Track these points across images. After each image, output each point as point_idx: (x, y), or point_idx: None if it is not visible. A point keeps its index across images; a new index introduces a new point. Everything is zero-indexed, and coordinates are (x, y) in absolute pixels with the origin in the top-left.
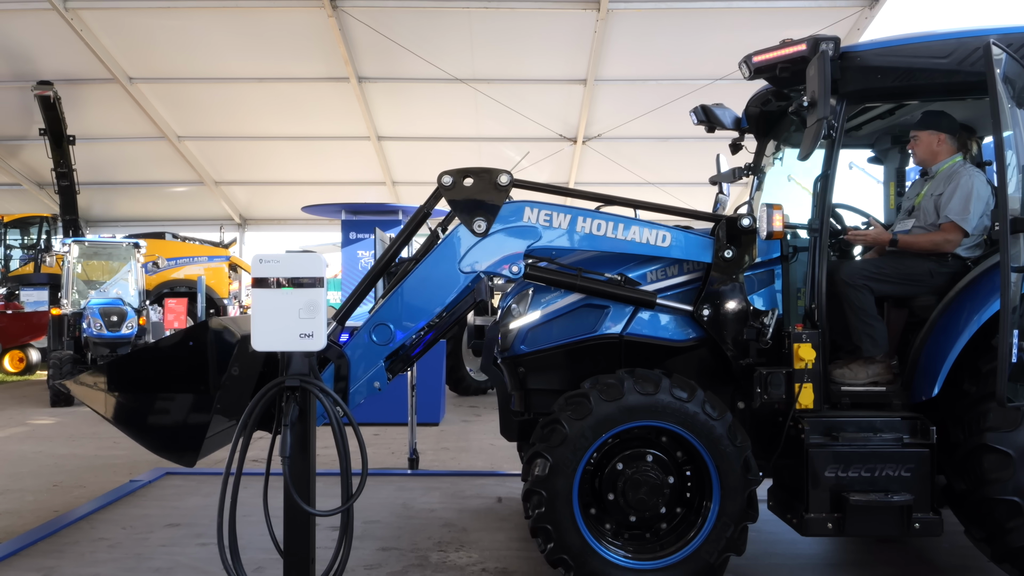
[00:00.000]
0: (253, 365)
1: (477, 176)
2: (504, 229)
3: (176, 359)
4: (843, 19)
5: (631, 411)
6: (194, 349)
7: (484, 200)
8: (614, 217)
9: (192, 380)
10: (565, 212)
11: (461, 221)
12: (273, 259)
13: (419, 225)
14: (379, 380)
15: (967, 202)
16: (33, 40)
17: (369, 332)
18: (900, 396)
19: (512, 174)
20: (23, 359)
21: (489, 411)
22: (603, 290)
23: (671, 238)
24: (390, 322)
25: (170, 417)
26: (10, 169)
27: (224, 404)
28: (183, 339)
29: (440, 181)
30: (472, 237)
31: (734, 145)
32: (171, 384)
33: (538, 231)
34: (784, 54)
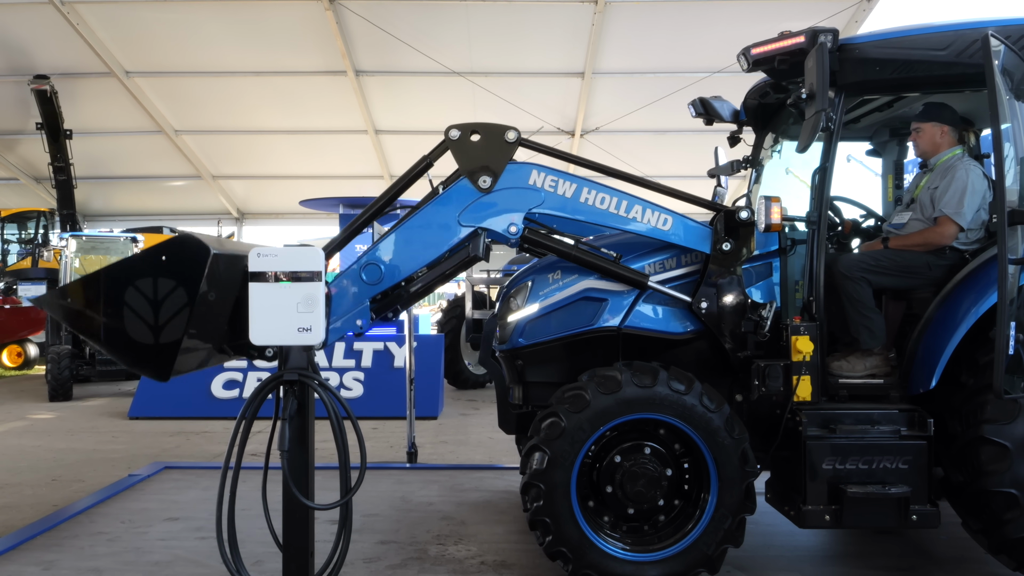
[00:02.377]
0: (229, 289)
1: (485, 132)
2: (509, 188)
3: (148, 274)
4: (841, 11)
5: (629, 404)
6: (166, 264)
7: (490, 156)
8: (619, 193)
9: (164, 295)
10: (572, 181)
11: (466, 176)
12: (271, 253)
13: (420, 174)
14: (362, 319)
15: (962, 196)
16: (29, 34)
17: (359, 270)
18: (898, 388)
19: (519, 131)
20: (21, 354)
21: (487, 404)
22: (597, 264)
23: (672, 223)
24: (382, 263)
25: (142, 332)
26: (7, 163)
27: (198, 329)
28: (155, 253)
29: (447, 135)
30: (475, 192)
31: (732, 138)
32: (143, 299)
33: (542, 195)
34: (782, 46)
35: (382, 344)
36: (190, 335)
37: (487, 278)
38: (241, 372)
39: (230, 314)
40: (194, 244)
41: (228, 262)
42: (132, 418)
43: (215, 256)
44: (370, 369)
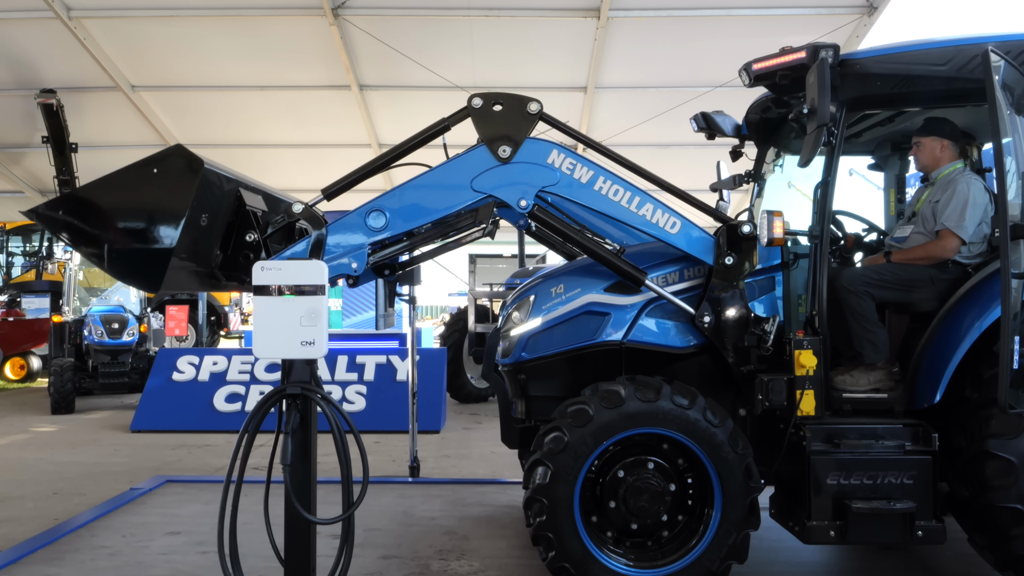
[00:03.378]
0: (221, 212)
1: (507, 102)
2: (526, 163)
3: (140, 186)
4: (842, 27)
5: (632, 418)
6: (158, 176)
7: (511, 126)
8: (633, 188)
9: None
10: (590, 167)
11: (486, 144)
12: (274, 267)
13: (436, 135)
14: (357, 262)
15: (963, 209)
16: (37, 49)
17: (365, 214)
18: (902, 403)
19: (542, 103)
20: (24, 366)
21: (490, 418)
22: (598, 253)
23: (680, 228)
24: (388, 211)
25: (134, 243)
26: (13, 176)
27: (190, 248)
28: (147, 165)
29: (470, 103)
30: (493, 160)
31: (734, 152)
32: (134, 210)
33: (556, 175)
34: (783, 61)
35: (384, 357)
36: (182, 253)
37: (490, 291)
38: (243, 386)
39: (221, 239)
40: (187, 156)
41: (221, 181)
42: (134, 431)
43: (207, 170)
44: (372, 382)
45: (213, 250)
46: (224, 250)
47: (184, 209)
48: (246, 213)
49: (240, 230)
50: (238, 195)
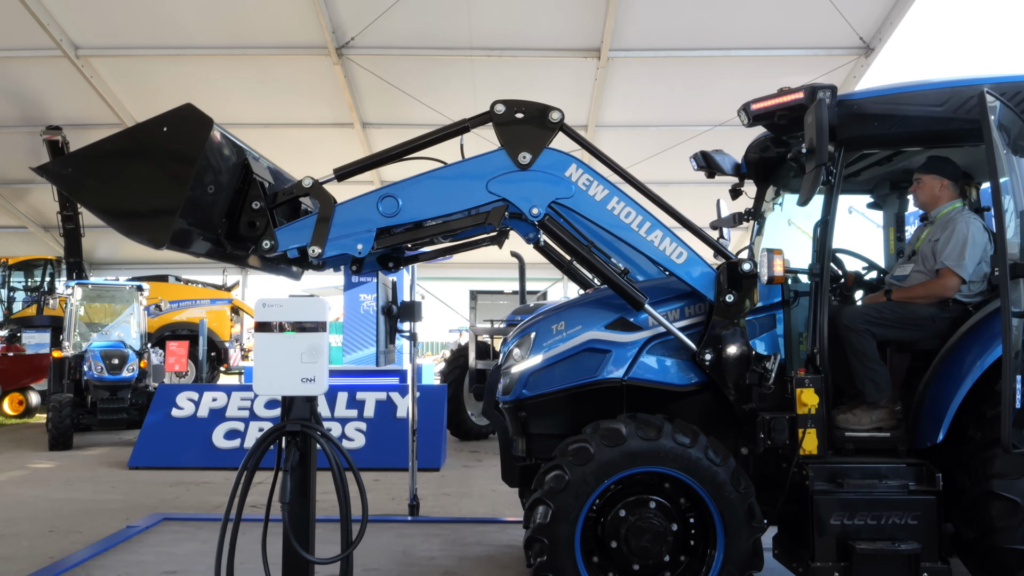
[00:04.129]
0: (228, 179)
1: (529, 110)
2: (544, 172)
3: (150, 143)
4: (839, 67)
5: (633, 457)
6: (168, 134)
7: (532, 134)
8: (646, 213)
9: (164, 163)
10: (605, 187)
11: (506, 149)
12: (276, 303)
13: (455, 134)
14: (363, 244)
15: (963, 248)
16: (44, 86)
17: (377, 200)
18: (905, 442)
19: (563, 113)
20: (23, 402)
21: (490, 456)
22: (604, 272)
23: (686, 259)
24: (400, 198)
25: (140, 198)
26: (16, 212)
27: (194, 216)
28: (157, 123)
29: (493, 108)
30: (511, 165)
31: (734, 190)
32: (143, 166)
33: (572, 189)
34: (782, 102)
35: (385, 394)
36: (188, 213)
37: (491, 328)
38: (243, 422)
39: (228, 206)
40: (196, 115)
41: (229, 146)
42: (132, 468)
43: (216, 131)
44: (372, 419)
45: (219, 216)
46: (230, 218)
47: (192, 166)
48: (253, 181)
49: (247, 198)
50: (246, 163)
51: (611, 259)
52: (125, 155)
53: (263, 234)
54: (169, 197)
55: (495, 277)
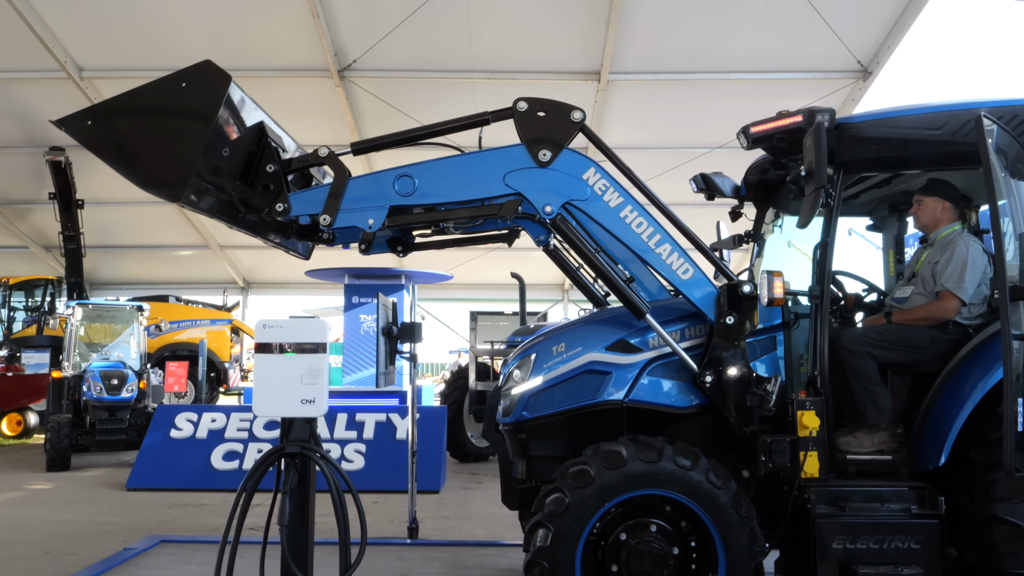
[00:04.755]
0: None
1: (551, 108)
2: (562, 172)
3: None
4: (837, 90)
5: (634, 479)
6: (186, 89)
7: (554, 131)
8: (658, 226)
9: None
10: (621, 195)
11: (526, 146)
12: (277, 324)
13: (474, 125)
14: (374, 219)
15: (963, 270)
16: (48, 107)
17: (394, 178)
18: (907, 465)
19: (585, 113)
20: (21, 422)
21: (490, 478)
22: (610, 277)
23: (692, 276)
24: (418, 179)
25: (158, 153)
26: (18, 232)
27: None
28: (176, 79)
29: (516, 105)
30: (530, 161)
31: (734, 212)
32: (162, 121)
33: (587, 192)
34: (781, 125)
35: (384, 415)
36: (204, 170)
37: (491, 349)
38: (242, 443)
39: (242, 168)
40: (215, 71)
41: (247, 105)
42: (130, 489)
43: (234, 88)
44: (372, 441)
45: (234, 176)
46: (244, 180)
47: (210, 121)
48: (268, 144)
49: (261, 161)
50: (261, 126)
51: (618, 266)
52: (144, 110)
53: (276, 197)
54: (186, 152)
55: (495, 298)
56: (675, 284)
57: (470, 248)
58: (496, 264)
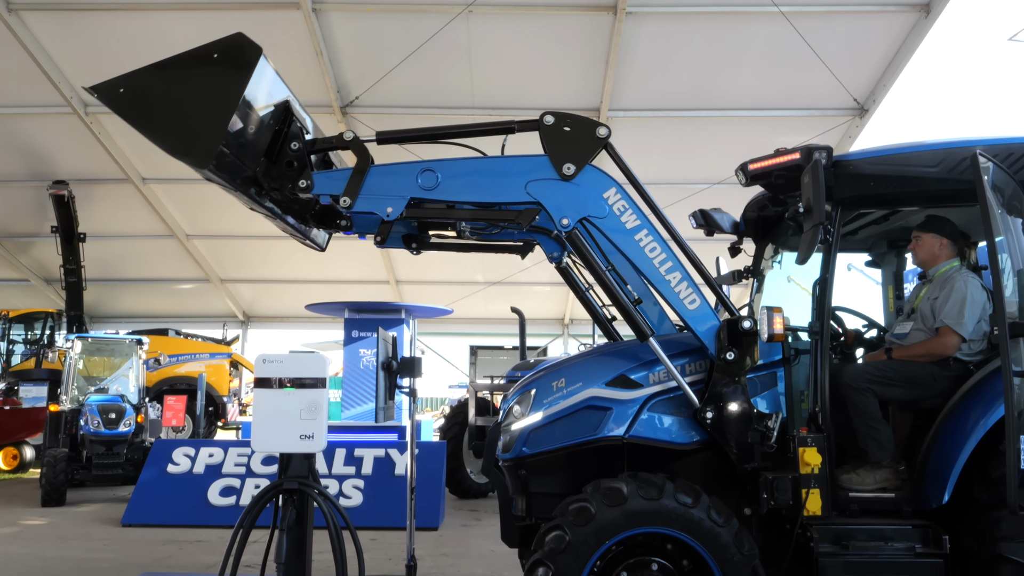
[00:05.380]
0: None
1: (576, 123)
2: (583, 188)
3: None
4: (834, 127)
5: (635, 517)
6: (218, 60)
7: (578, 146)
8: (670, 252)
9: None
10: (639, 217)
11: (551, 158)
12: (276, 359)
13: (499, 132)
14: (393, 207)
15: (962, 307)
16: (53, 142)
17: (418, 172)
18: (910, 502)
19: (610, 130)
20: (17, 456)
21: (490, 515)
22: (618, 297)
23: (698, 307)
24: (441, 175)
25: (187, 121)
26: (19, 265)
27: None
28: (208, 50)
29: (542, 119)
30: (553, 173)
31: (733, 248)
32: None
33: (606, 211)
34: (779, 162)
35: (383, 451)
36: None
37: (491, 384)
38: (239, 479)
39: (267, 145)
40: (247, 43)
41: (275, 81)
42: (125, 525)
43: (264, 63)
44: (370, 476)
45: (259, 152)
46: (268, 157)
47: (240, 91)
48: (293, 122)
49: (286, 139)
50: (287, 105)
51: (627, 286)
52: (175, 78)
53: (300, 174)
54: (215, 120)
55: (495, 333)
56: (681, 314)
57: (470, 283)
58: (496, 299)
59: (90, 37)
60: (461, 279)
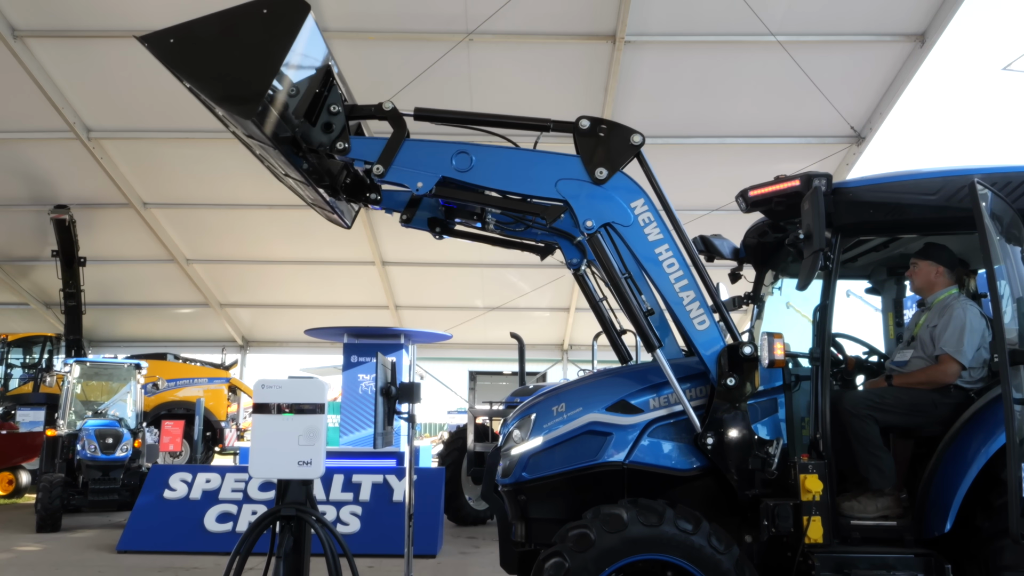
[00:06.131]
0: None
1: (612, 128)
2: (613, 194)
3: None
4: (832, 155)
5: (635, 543)
6: (267, 15)
7: (612, 151)
8: (687, 270)
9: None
10: (662, 231)
11: (583, 161)
12: (275, 384)
13: (533, 128)
14: (424, 182)
15: (961, 335)
16: (54, 166)
17: (454, 151)
18: (912, 531)
19: (644, 137)
20: (12, 481)
21: (488, 542)
22: (631, 305)
23: (707, 328)
24: (475, 158)
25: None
26: (19, 289)
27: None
28: (257, 5)
29: (578, 123)
30: (584, 174)
31: (733, 274)
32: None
33: (630, 219)
34: (778, 189)
35: (381, 477)
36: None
37: (490, 409)
38: (236, 505)
39: (308, 105)
40: (295, 1)
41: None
42: (121, 551)
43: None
44: (368, 503)
45: (299, 111)
46: (308, 118)
47: (287, 45)
48: (333, 85)
49: (326, 101)
50: (328, 68)
51: (641, 295)
52: (225, 30)
53: (339, 136)
54: (262, 71)
55: (494, 358)
56: (689, 333)
57: (469, 308)
58: (495, 324)
59: (94, 64)
60: (460, 304)
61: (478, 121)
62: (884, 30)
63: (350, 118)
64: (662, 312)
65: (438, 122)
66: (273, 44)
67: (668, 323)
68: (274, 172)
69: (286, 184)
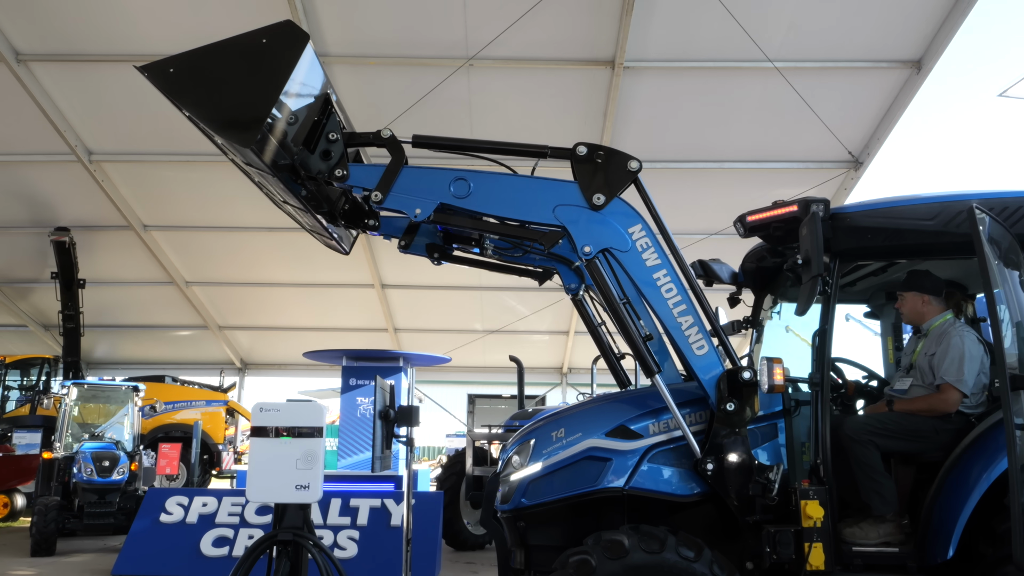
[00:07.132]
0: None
1: (609, 155)
2: (610, 220)
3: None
4: (830, 180)
5: (636, 570)
6: (266, 45)
7: (609, 177)
8: (685, 295)
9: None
10: (660, 257)
11: (580, 187)
12: (273, 408)
13: (531, 154)
14: (422, 208)
15: (960, 363)
16: (55, 189)
17: (452, 178)
18: (914, 558)
19: (641, 163)
20: (7, 504)
21: (487, 568)
22: (629, 331)
23: (706, 353)
24: (473, 184)
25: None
26: (18, 311)
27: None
28: (257, 34)
29: (575, 150)
30: (582, 200)
31: (732, 299)
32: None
33: (628, 244)
34: (776, 214)
35: (379, 501)
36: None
37: (489, 433)
38: (232, 529)
39: (307, 133)
40: (294, 30)
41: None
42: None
43: (310, 50)
44: (366, 527)
45: (298, 139)
46: (306, 146)
47: (286, 75)
48: (332, 113)
49: (324, 129)
50: (327, 97)
51: (640, 320)
52: (224, 59)
53: (337, 163)
54: (261, 101)
55: (493, 381)
56: (688, 358)
57: (468, 331)
58: (494, 347)
59: (96, 88)
60: (459, 327)
61: (476, 148)
62: (881, 57)
63: (348, 145)
64: (661, 337)
65: (436, 149)
66: (272, 73)
67: (667, 348)
68: (273, 199)
69: (284, 211)
